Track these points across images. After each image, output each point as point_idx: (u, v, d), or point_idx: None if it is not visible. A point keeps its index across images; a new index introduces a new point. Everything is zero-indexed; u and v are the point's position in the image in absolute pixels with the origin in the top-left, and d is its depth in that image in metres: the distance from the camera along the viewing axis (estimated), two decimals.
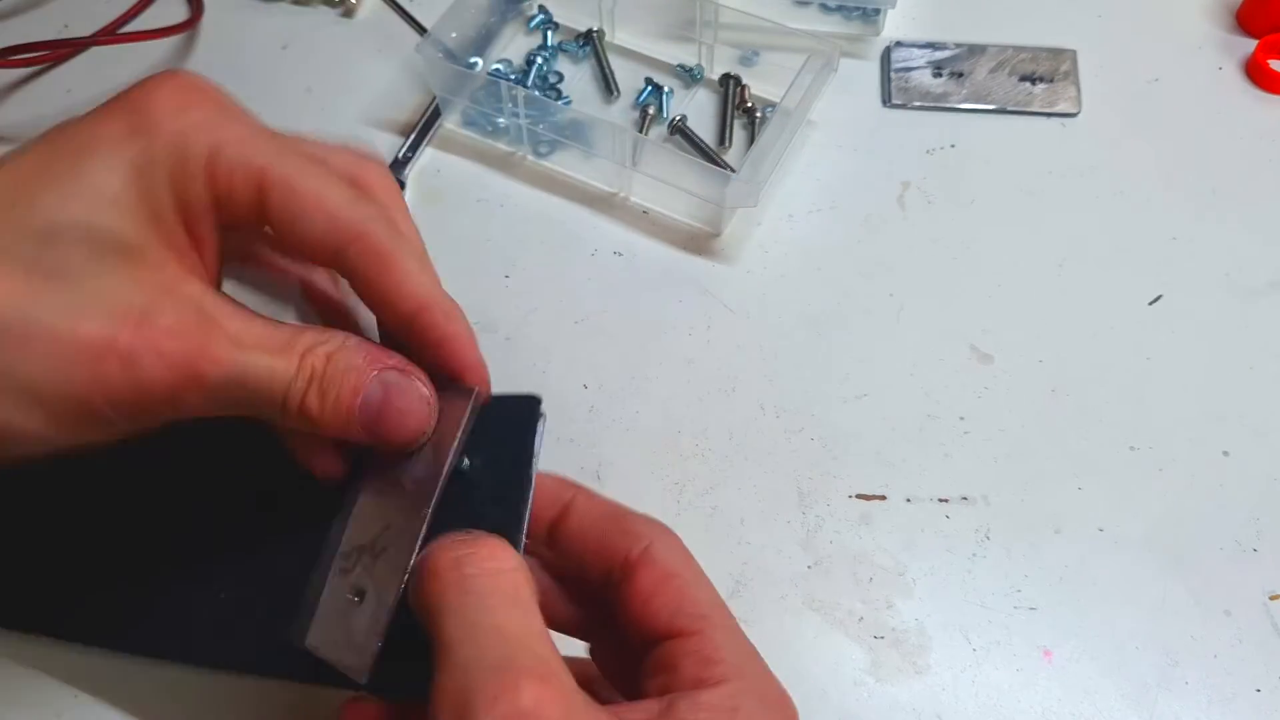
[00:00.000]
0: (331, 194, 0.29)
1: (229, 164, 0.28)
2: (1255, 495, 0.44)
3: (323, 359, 0.28)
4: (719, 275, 0.51)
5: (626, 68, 0.58)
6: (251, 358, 0.27)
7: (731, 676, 0.28)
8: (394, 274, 0.29)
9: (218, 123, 0.28)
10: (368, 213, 0.29)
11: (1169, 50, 0.59)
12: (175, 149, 0.27)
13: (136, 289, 0.26)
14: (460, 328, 0.31)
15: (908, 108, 0.57)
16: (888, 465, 0.45)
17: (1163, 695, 0.40)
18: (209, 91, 0.29)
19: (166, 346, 0.26)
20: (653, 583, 0.30)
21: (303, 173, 0.29)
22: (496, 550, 0.28)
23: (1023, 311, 0.49)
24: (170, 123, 0.27)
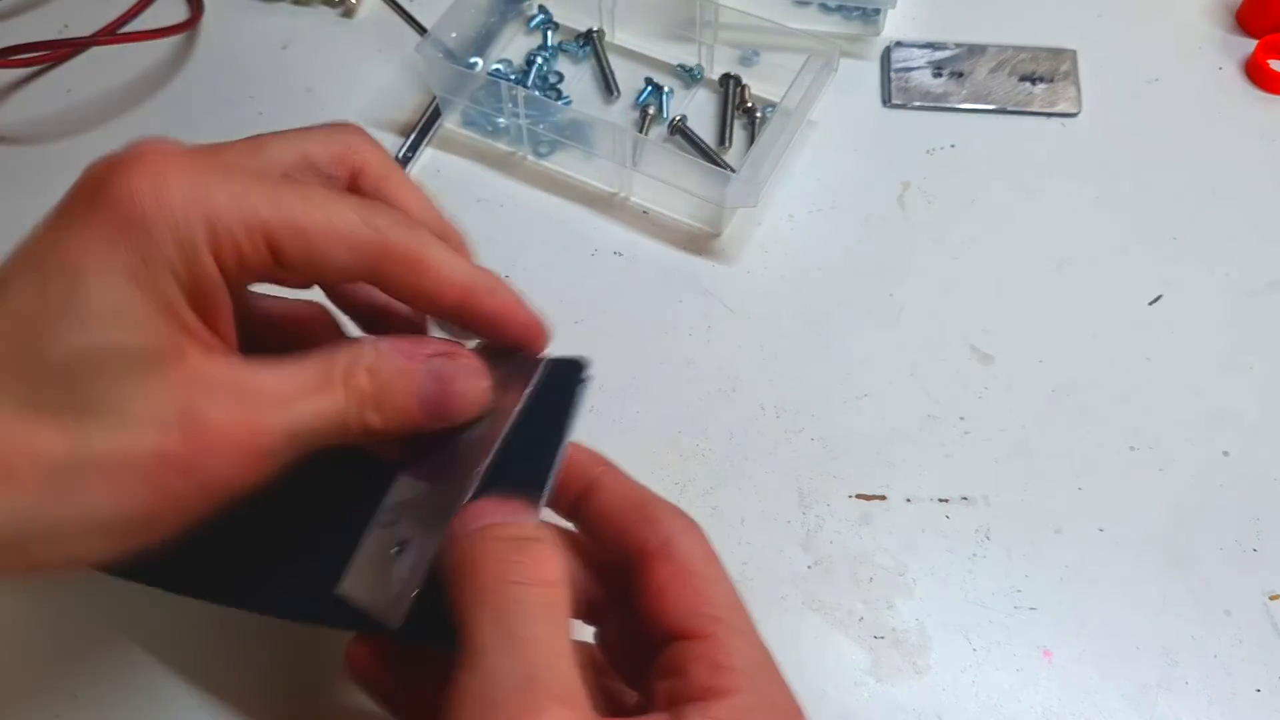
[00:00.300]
0: (341, 219, 0.28)
1: (230, 235, 0.26)
2: (1255, 495, 0.44)
3: (366, 377, 0.28)
4: (719, 275, 0.51)
5: (626, 68, 0.58)
6: (299, 409, 0.27)
7: (742, 686, 0.27)
8: (428, 274, 0.29)
9: (201, 191, 0.26)
10: (383, 221, 0.28)
11: (1169, 50, 0.59)
12: (169, 242, 0.25)
13: (168, 395, 0.25)
14: (505, 298, 0.31)
15: (908, 108, 0.57)
16: (888, 465, 0.45)
17: (1163, 695, 0.40)
18: (175, 157, 0.26)
19: (217, 441, 0.25)
20: (668, 578, 0.29)
21: (306, 208, 0.27)
22: (547, 561, 0.27)
23: (1023, 311, 0.49)
24: (154, 213, 0.25)
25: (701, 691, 0.27)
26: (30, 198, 0.53)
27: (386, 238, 0.28)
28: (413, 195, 0.32)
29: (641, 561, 0.30)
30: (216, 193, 0.26)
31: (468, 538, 0.28)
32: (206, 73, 0.59)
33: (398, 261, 0.28)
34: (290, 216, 0.27)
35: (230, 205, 0.26)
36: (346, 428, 0.28)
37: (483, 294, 0.30)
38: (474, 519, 0.28)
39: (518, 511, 0.29)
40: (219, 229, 0.26)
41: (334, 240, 0.27)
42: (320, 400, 0.27)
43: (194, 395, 0.25)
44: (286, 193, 0.27)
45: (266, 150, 0.29)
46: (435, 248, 0.29)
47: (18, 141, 0.56)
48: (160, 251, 0.25)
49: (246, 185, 0.27)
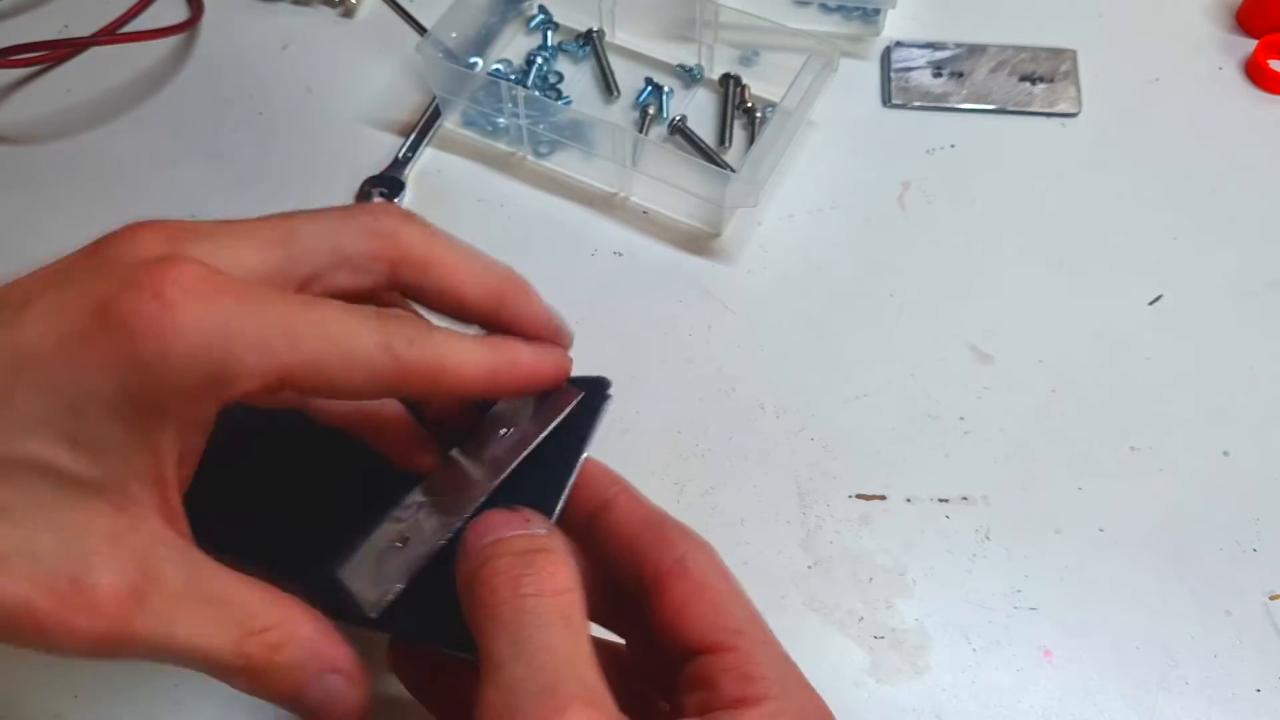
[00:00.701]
0: (359, 348, 0.26)
1: (241, 381, 0.24)
2: (1255, 495, 0.44)
3: (265, 649, 0.26)
4: (719, 275, 0.51)
5: (626, 68, 0.58)
6: (180, 634, 0.25)
7: (773, 694, 0.27)
8: (449, 378, 0.28)
9: (219, 331, 0.24)
10: (400, 342, 0.27)
11: (1169, 50, 0.59)
12: (172, 378, 0.24)
13: (75, 540, 0.24)
14: (530, 366, 0.31)
15: (908, 108, 0.57)
16: (888, 465, 0.45)
17: (1163, 695, 0.40)
18: (197, 284, 0.24)
19: (81, 623, 0.24)
20: (685, 595, 0.29)
21: (324, 343, 0.25)
22: (557, 570, 0.27)
23: (1023, 311, 0.49)
24: (162, 347, 0.23)
25: (733, 701, 0.27)
26: (30, 198, 0.54)
27: (402, 360, 0.27)
28: (460, 267, 0.31)
29: (657, 580, 0.30)
30: (233, 337, 0.24)
31: (478, 553, 0.28)
32: (206, 73, 0.59)
33: (417, 378, 0.28)
34: (307, 355, 0.25)
35: (247, 350, 0.24)
36: (218, 672, 0.26)
37: (506, 371, 0.30)
38: (484, 533, 0.28)
39: (528, 522, 0.29)
40: (230, 376, 0.24)
41: (351, 371, 0.26)
42: (209, 636, 0.25)
43: (95, 557, 0.24)
44: (303, 324, 0.25)
45: (297, 241, 0.28)
46: (453, 349, 0.28)
47: (18, 141, 0.56)
48: (156, 392, 0.24)
49: (265, 322, 0.25)
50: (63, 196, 0.54)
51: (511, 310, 0.32)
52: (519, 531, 0.28)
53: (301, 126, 0.56)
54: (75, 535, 0.24)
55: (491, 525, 0.28)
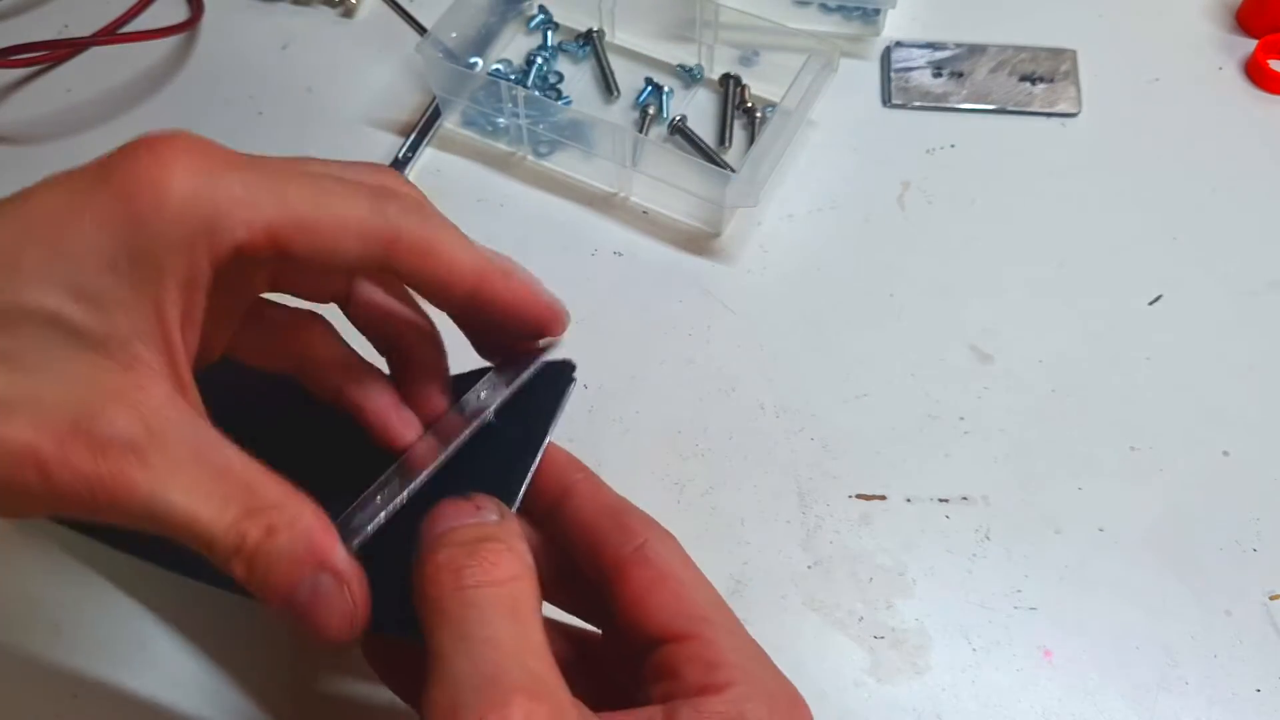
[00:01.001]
0: (352, 210, 0.27)
1: (230, 232, 0.25)
2: (1255, 495, 0.44)
3: (262, 531, 0.25)
4: (719, 275, 0.51)
5: (626, 68, 0.58)
6: (177, 499, 0.24)
7: (737, 680, 0.27)
8: (441, 260, 0.29)
9: (205, 189, 0.25)
10: (394, 209, 0.28)
11: (1169, 50, 0.59)
12: (166, 230, 0.25)
13: (81, 389, 0.24)
14: (521, 283, 0.31)
15: (908, 108, 0.57)
16: (888, 465, 0.45)
17: (1163, 695, 0.40)
18: (188, 150, 0.26)
19: (84, 467, 0.24)
20: (646, 583, 0.29)
21: (315, 201, 0.27)
22: (500, 558, 0.27)
23: (1023, 311, 0.49)
24: (152, 208, 0.25)
25: (696, 689, 0.27)
26: None
27: (397, 225, 0.28)
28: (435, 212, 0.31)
29: (617, 569, 0.29)
30: (221, 190, 0.26)
31: (427, 546, 0.27)
32: (206, 73, 0.59)
33: (408, 249, 0.28)
34: (298, 212, 0.26)
35: (235, 203, 0.25)
36: (210, 551, 0.25)
37: (497, 278, 0.30)
38: (434, 524, 0.28)
39: (479, 510, 0.28)
40: (219, 229, 0.25)
41: (343, 232, 0.27)
42: (204, 507, 0.25)
43: (100, 407, 0.24)
44: (295, 186, 0.27)
45: (293, 159, 0.29)
46: (447, 233, 0.29)
47: (18, 141, 0.56)
48: (152, 240, 0.25)
49: (254, 181, 0.26)
50: None
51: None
52: (468, 520, 0.28)
53: (301, 126, 0.56)
54: (82, 385, 0.24)
55: (442, 515, 0.28)
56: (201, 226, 0.25)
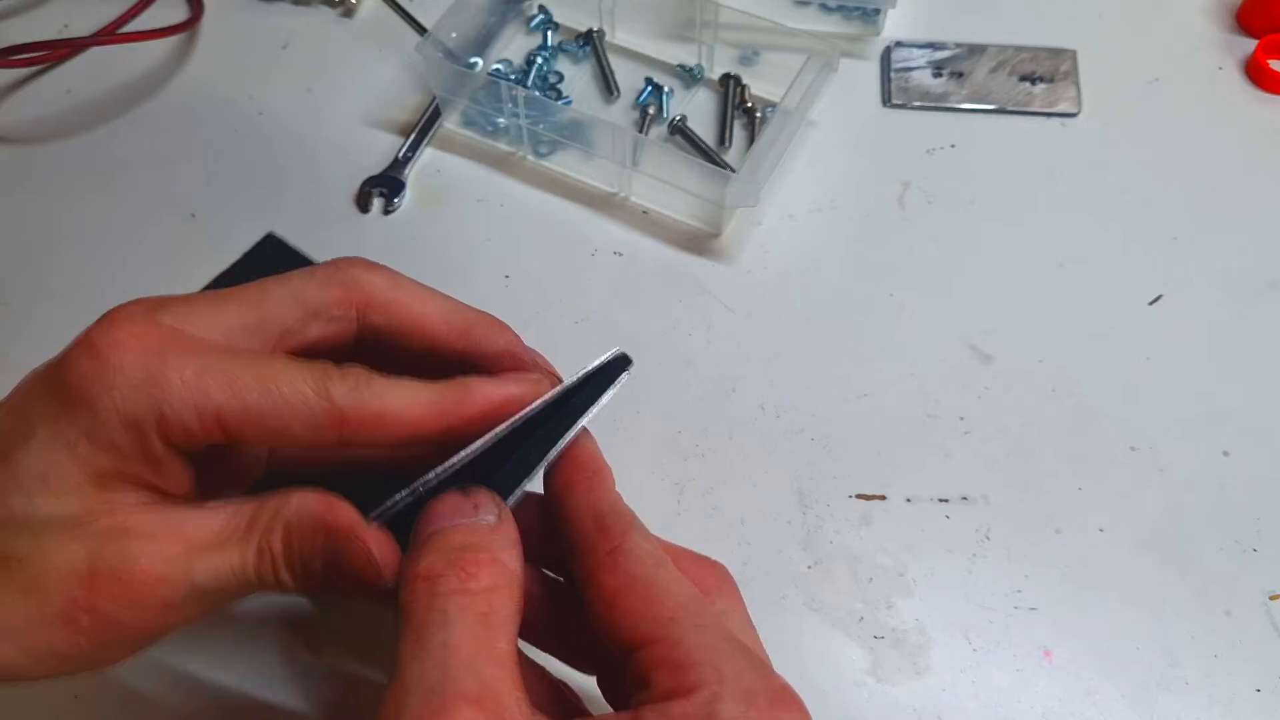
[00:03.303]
0: (296, 396, 0.28)
1: (179, 419, 0.27)
2: (1255, 495, 0.44)
3: (280, 537, 0.28)
4: (719, 275, 0.51)
5: (626, 68, 0.58)
6: (202, 563, 0.27)
7: (707, 681, 0.25)
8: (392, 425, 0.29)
9: (153, 377, 0.27)
10: (341, 389, 0.28)
11: (1169, 50, 0.59)
12: (114, 423, 0.27)
13: (79, 548, 0.27)
14: (482, 404, 0.30)
15: (908, 108, 0.57)
16: (888, 465, 0.45)
17: (1163, 695, 0.40)
18: (138, 338, 0.27)
19: (119, 592, 0.27)
20: (615, 589, 0.28)
21: (261, 389, 0.27)
22: (480, 568, 0.27)
23: (1023, 311, 0.49)
24: (101, 398, 0.26)
25: (665, 694, 0.26)
26: (30, 198, 0.54)
27: (341, 407, 0.28)
28: (426, 305, 0.32)
29: (591, 575, 0.29)
30: (170, 379, 0.27)
31: (412, 545, 0.28)
32: (206, 73, 0.59)
33: (357, 424, 0.28)
34: (243, 401, 0.27)
35: (181, 391, 0.27)
36: (256, 584, 0.28)
37: (455, 409, 0.30)
38: (430, 521, 0.28)
39: (477, 509, 0.29)
40: (168, 414, 0.27)
41: (289, 419, 0.28)
42: (226, 556, 0.28)
43: (98, 549, 0.27)
44: (244, 372, 0.27)
45: (268, 301, 0.30)
46: (394, 396, 0.29)
47: (18, 141, 0.56)
48: (104, 429, 0.26)
49: (203, 368, 0.27)
50: (63, 196, 0.54)
51: (480, 344, 0.31)
52: (462, 520, 0.28)
53: (301, 126, 0.56)
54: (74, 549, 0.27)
55: (438, 513, 0.28)
56: (147, 418, 0.27)
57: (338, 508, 0.29)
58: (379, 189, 0.54)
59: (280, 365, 0.28)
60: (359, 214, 0.53)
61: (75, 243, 0.52)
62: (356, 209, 0.53)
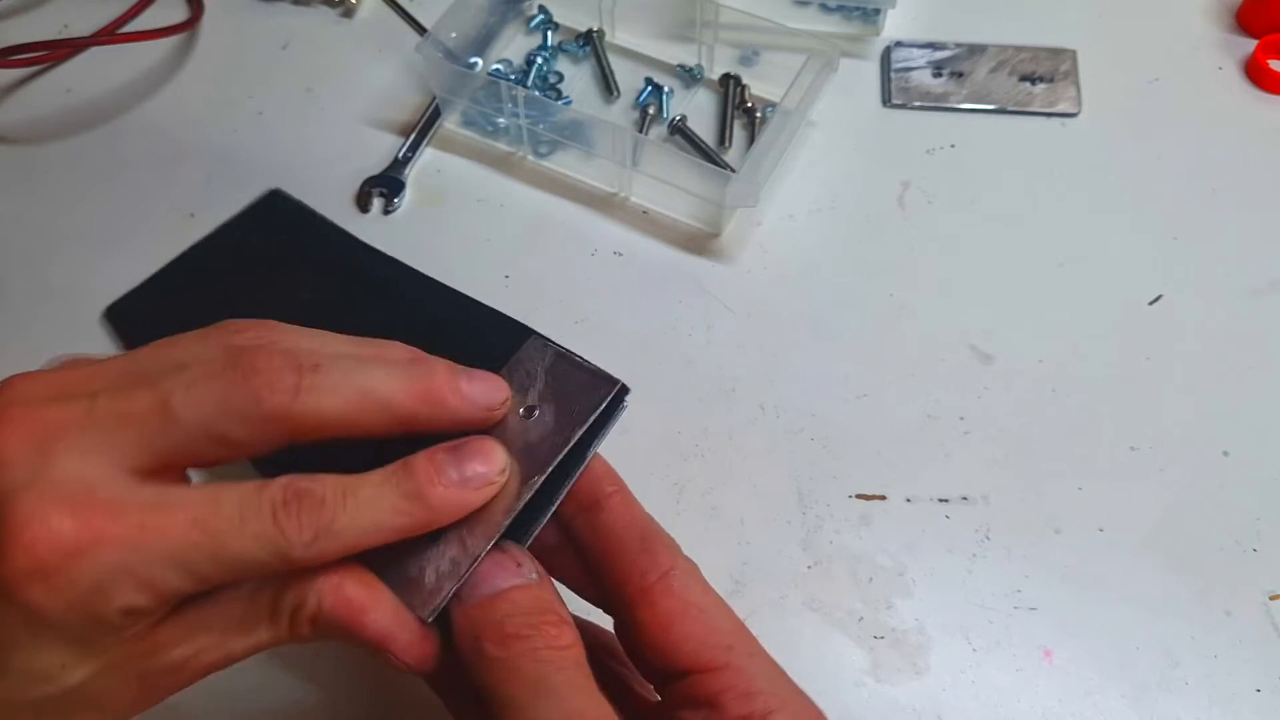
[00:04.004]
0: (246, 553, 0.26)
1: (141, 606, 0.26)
2: (1255, 495, 0.44)
3: (309, 627, 0.28)
4: (719, 275, 0.51)
5: (626, 68, 0.58)
6: (234, 646, 0.28)
7: (774, 707, 0.28)
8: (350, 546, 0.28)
9: (105, 583, 0.25)
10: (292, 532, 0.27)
11: (1169, 50, 0.59)
12: (89, 628, 0.26)
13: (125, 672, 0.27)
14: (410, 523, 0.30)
15: (908, 108, 0.57)
16: (888, 465, 0.45)
17: (1163, 696, 0.40)
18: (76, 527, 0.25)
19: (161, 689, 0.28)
20: (671, 613, 0.29)
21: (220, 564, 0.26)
22: (559, 629, 0.28)
23: (1023, 311, 0.49)
24: (67, 612, 0.25)
25: (740, 719, 0.28)
26: (30, 198, 0.54)
27: (300, 563, 0.27)
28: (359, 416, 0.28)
29: (641, 594, 0.30)
30: (118, 581, 0.25)
31: (481, 606, 0.29)
32: (206, 73, 0.59)
33: (311, 563, 0.27)
34: (200, 575, 0.26)
35: (135, 591, 0.25)
36: (283, 644, 0.29)
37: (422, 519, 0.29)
38: (480, 583, 0.29)
39: (520, 566, 0.29)
40: (131, 606, 0.26)
41: (249, 570, 0.27)
42: (258, 636, 0.28)
43: (148, 665, 0.27)
44: (181, 539, 0.26)
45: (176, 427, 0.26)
46: (358, 527, 0.27)
47: (18, 141, 0.56)
48: (82, 632, 0.26)
49: (149, 557, 0.25)
50: (63, 196, 0.54)
51: (427, 424, 0.30)
52: (516, 582, 0.29)
53: (301, 126, 0.56)
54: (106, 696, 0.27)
55: (485, 573, 0.29)
56: (113, 613, 0.26)
57: (368, 619, 0.28)
58: (379, 189, 0.54)
59: (225, 524, 0.26)
60: (359, 214, 0.53)
61: (75, 243, 0.52)
62: (356, 209, 0.53)
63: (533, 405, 0.32)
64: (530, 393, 0.33)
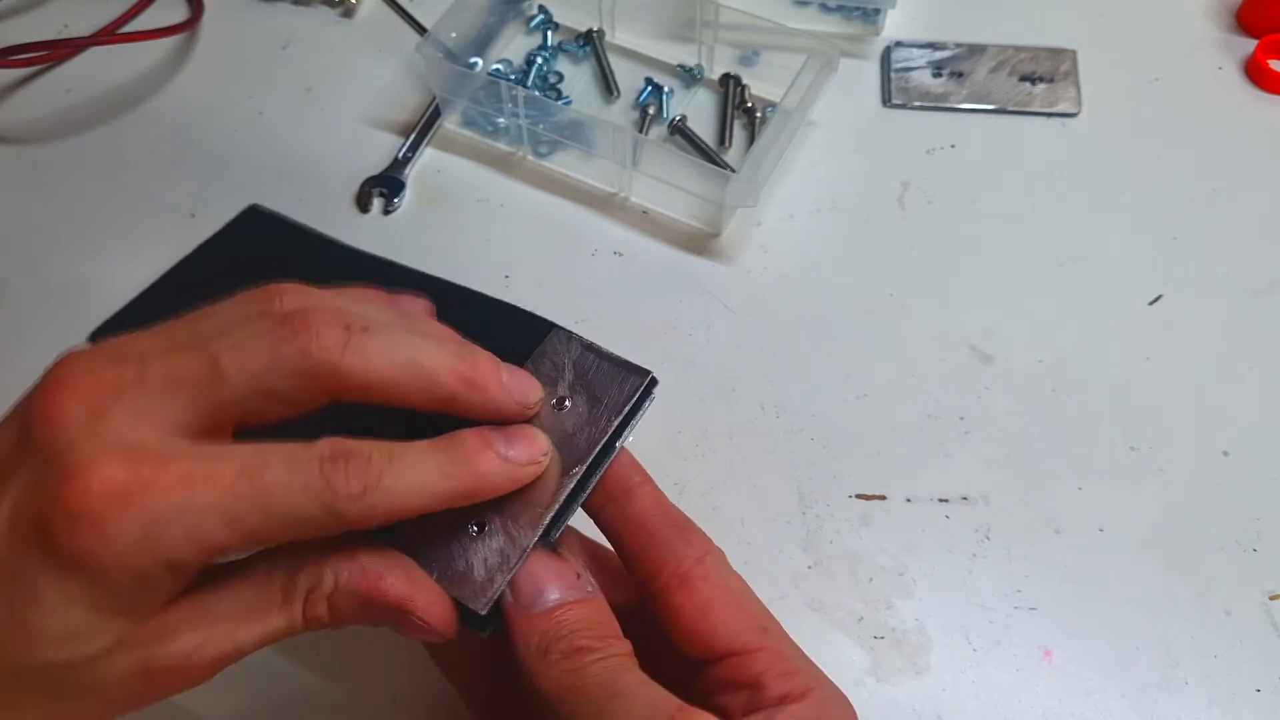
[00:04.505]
0: (300, 507, 0.26)
1: (184, 562, 0.26)
2: (1255, 495, 0.44)
3: (325, 607, 0.28)
4: (719, 275, 0.51)
5: (626, 68, 0.58)
6: (246, 635, 0.28)
7: (811, 686, 0.29)
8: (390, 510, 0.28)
9: (153, 533, 0.25)
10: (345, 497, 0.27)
11: (1169, 50, 0.59)
12: (125, 582, 0.25)
13: (129, 657, 0.27)
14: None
15: (908, 108, 0.57)
16: (888, 465, 0.45)
17: (1163, 696, 0.40)
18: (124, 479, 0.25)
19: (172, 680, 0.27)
20: (709, 596, 0.30)
21: (263, 514, 0.26)
22: (617, 641, 0.29)
23: (1023, 311, 0.49)
24: (111, 566, 0.25)
25: (779, 698, 0.28)
26: (30, 198, 0.54)
27: (348, 519, 0.27)
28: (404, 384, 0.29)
29: (679, 578, 0.30)
30: (168, 531, 0.25)
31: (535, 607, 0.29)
32: (206, 73, 0.59)
33: (366, 526, 0.27)
34: (246, 529, 0.26)
35: (182, 541, 0.25)
36: (304, 632, 0.29)
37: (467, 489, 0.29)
38: (541, 588, 0.30)
39: (579, 578, 0.30)
40: (173, 561, 0.26)
41: (296, 534, 0.27)
42: (270, 622, 0.28)
43: (154, 653, 0.27)
44: (240, 501, 0.26)
45: (224, 385, 0.27)
46: (405, 486, 0.28)
47: (18, 141, 0.56)
48: (117, 588, 0.26)
49: (197, 511, 0.25)
50: (63, 196, 0.54)
51: (465, 408, 0.30)
52: (579, 595, 0.30)
53: (301, 126, 0.56)
54: (119, 669, 0.27)
55: (546, 580, 0.30)
56: (157, 572, 0.26)
57: (385, 584, 0.28)
58: (379, 189, 0.54)
59: (273, 479, 0.26)
60: (359, 214, 0.53)
61: (75, 243, 0.52)
62: (356, 209, 0.53)
63: (564, 397, 0.32)
64: (560, 385, 0.33)
